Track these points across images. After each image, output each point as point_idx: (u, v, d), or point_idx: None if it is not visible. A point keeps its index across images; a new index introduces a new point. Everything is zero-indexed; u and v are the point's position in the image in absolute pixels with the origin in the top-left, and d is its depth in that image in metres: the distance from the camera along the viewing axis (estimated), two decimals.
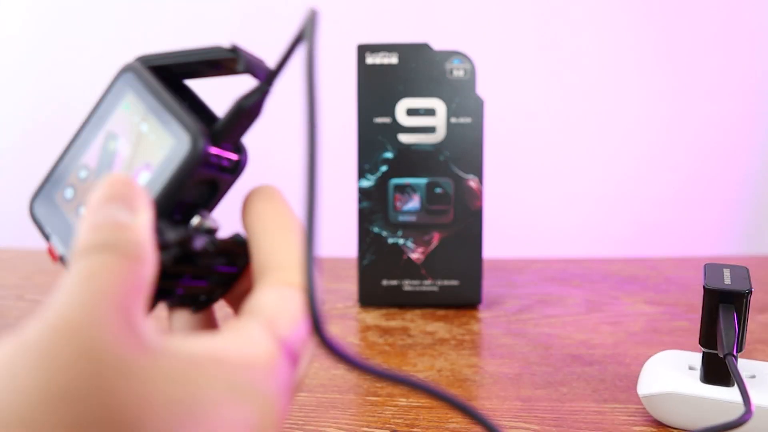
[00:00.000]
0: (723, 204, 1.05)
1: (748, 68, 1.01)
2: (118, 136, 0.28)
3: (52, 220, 0.28)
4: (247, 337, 0.23)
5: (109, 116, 0.28)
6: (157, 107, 0.27)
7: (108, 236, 0.21)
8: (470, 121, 0.62)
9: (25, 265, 0.78)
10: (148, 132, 0.27)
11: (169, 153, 0.26)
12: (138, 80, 0.27)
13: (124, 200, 0.23)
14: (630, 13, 1.00)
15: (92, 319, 0.19)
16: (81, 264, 0.21)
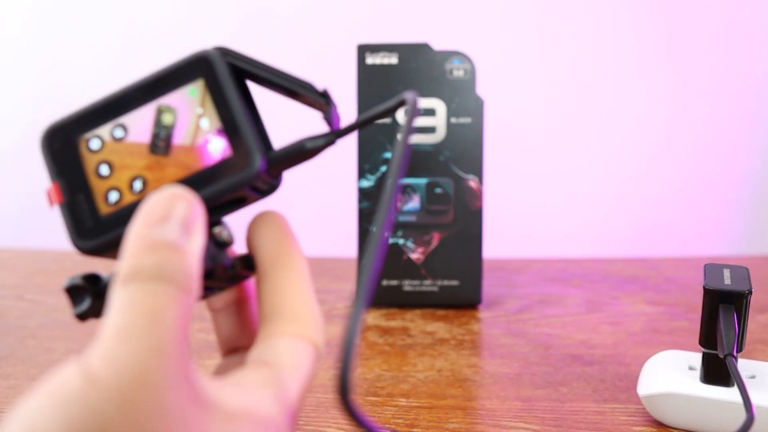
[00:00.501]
0: (723, 204, 1.05)
1: (748, 68, 1.01)
2: (176, 114, 0.27)
3: (64, 162, 0.27)
4: (275, 396, 0.23)
5: (169, 91, 0.27)
6: (226, 111, 0.26)
7: (165, 262, 0.21)
8: (470, 121, 0.62)
9: (25, 265, 0.78)
10: (206, 129, 0.26)
11: (224, 163, 0.26)
12: (216, 73, 0.26)
13: (185, 221, 0.23)
14: (630, 13, 1.00)
15: (160, 369, 0.20)
16: (137, 292, 0.21)
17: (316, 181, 0.98)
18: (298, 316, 0.25)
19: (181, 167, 0.26)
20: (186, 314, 0.21)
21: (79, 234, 0.26)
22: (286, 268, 0.26)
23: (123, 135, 0.27)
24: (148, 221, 0.22)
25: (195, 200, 0.23)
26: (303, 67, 1.00)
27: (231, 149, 0.26)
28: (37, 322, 0.61)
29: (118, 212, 0.26)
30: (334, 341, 0.57)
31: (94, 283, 0.26)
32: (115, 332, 0.20)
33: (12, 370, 0.51)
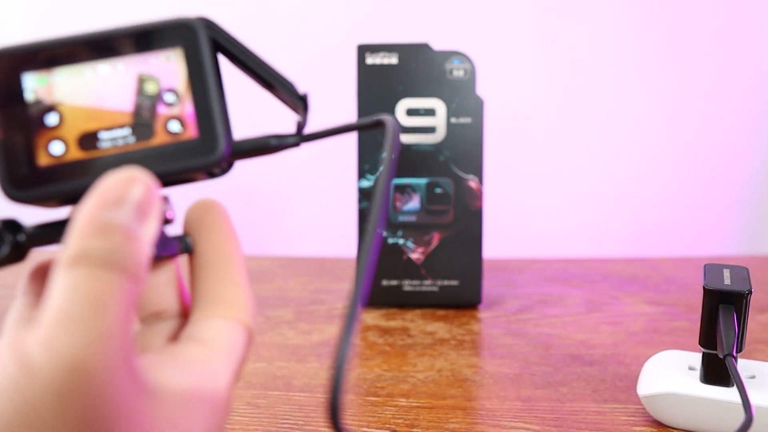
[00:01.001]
0: (723, 204, 1.05)
1: (748, 68, 1.01)
2: (158, 82, 0.25)
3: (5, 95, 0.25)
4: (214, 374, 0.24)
5: (143, 51, 0.25)
6: (200, 90, 0.25)
7: (116, 248, 0.21)
8: (470, 121, 0.62)
9: (25, 265, 0.78)
10: (172, 103, 0.25)
11: (186, 142, 0.25)
12: (198, 47, 0.25)
13: (140, 206, 0.22)
14: (630, 13, 1.00)
15: (103, 360, 0.19)
16: (83, 277, 0.20)
17: (316, 181, 0.98)
18: (233, 300, 0.26)
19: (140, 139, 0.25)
20: (132, 302, 0.21)
21: (11, 180, 0.24)
22: (223, 255, 0.26)
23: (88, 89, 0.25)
24: (102, 203, 0.21)
25: (152, 185, 0.22)
26: (303, 67, 1.00)
27: (197, 130, 0.25)
28: None
29: (59, 166, 0.24)
30: (333, 341, 0.57)
31: (13, 229, 0.25)
32: (56, 318, 0.19)
33: None
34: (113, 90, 0.25)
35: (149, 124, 0.25)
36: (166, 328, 0.27)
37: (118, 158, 0.25)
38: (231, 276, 0.26)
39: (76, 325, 0.19)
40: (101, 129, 0.25)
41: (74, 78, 0.25)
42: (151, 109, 0.25)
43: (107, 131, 0.25)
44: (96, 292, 0.20)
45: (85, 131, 0.25)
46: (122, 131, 0.25)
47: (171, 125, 0.25)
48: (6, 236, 0.24)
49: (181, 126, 0.25)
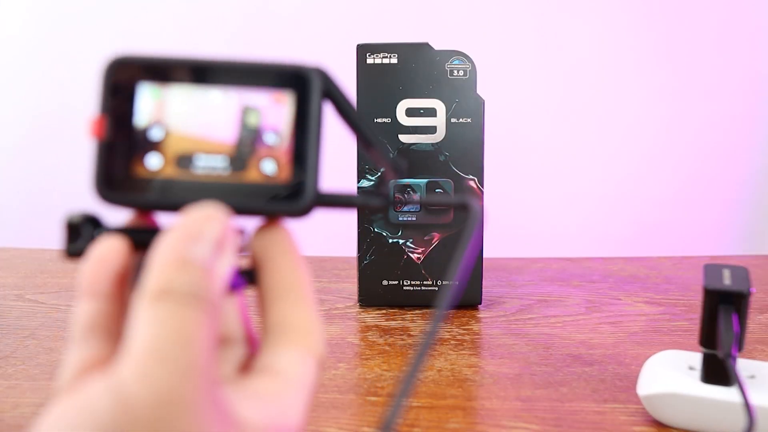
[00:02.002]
0: (723, 204, 1.05)
1: (748, 68, 1.01)
2: (261, 117, 0.25)
3: (118, 100, 0.25)
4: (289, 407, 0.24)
5: (256, 86, 0.25)
6: (303, 139, 0.25)
7: (197, 283, 0.21)
8: (470, 121, 0.62)
9: (25, 265, 0.78)
10: (272, 145, 0.25)
11: (275, 185, 0.25)
12: (310, 96, 0.25)
13: (218, 241, 0.23)
14: (630, 13, 1.00)
15: (194, 393, 0.20)
16: (170, 313, 0.21)
17: None
18: (304, 329, 0.26)
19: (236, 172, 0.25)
20: (214, 336, 0.21)
21: (104, 180, 0.25)
22: (293, 283, 0.26)
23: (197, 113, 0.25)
24: (183, 238, 0.22)
25: (227, 221, 0.23)
26: None
27: (290, 176, 0.25)
28: (37, 322, 0.61)
29: (152, 181, 0.25)
30: (333, 341, 0.57)
31: (94, 225, 0.25)
32: (147, 352, 0.20)
33: (12, 370, 0.51)
34: (219, 117, 0.25)
35: (245, 159, 0.25)
36: (234, 355, 0.27)
37: (209, 186, 0.25)
38: (301, 303, 0.26)
39: (168, 360, 0.20)
40: (200, 153, 0.25)
41: (186, 98, 0.25)
42: (250, 145, 0.25)
43: (205, 156, 0.25)
44: (183, 327, 0.20)
45: (184, 152, 0.25)
46: (219, 160, 0.25)
47: (265, 165, 0.25)
48: (86, 231, 0.25)
49: (276, 168, 0.25)
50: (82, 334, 0.24)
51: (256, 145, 0.25)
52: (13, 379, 0.50)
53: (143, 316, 0.21)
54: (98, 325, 0.24)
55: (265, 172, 0.25)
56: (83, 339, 0.24)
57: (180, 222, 0.23)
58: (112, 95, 0.25)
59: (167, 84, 0.25)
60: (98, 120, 0.25)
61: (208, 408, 0.20)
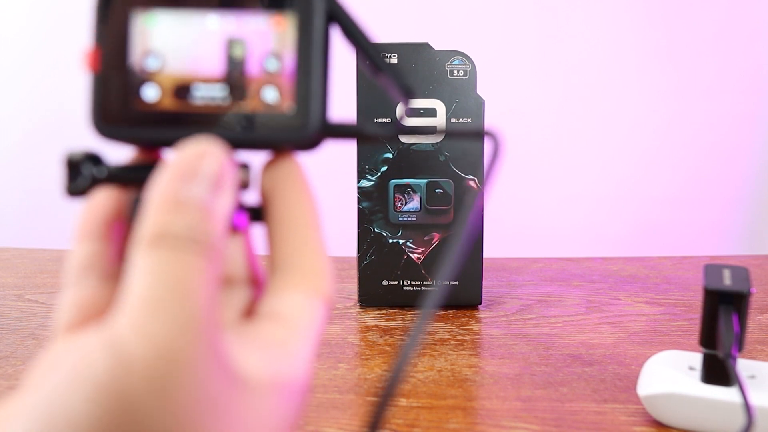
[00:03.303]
0: (723, 204, 1.05)
1: (748, 68, 1.01)
2: (245, 47, 0.24)
3: (111, 29, 0.24)
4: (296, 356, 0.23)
5: (254, 13, 0.24)
6: (305, 64, 0.24)
7: (195, 226, 0.20)
8: (470, 121, 0.62)
9: (25, 265, 0.78)
10: (272, 71, 0.24)
11: (278, 114, 0.24)
12: (312, 16, 0.24)
13: (215, 181, 0.21)
14: (630, 13, 1.00)
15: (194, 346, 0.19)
16: (167, 260, 0.20)
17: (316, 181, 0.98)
18: (312, 269, 0.24)
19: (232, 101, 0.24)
20: (215, 282, 0.20)
21: (101, 115, 0.24)
22: (302, 221, 0.24)
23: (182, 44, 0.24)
24: (176, 177, 0.21)
25: (224, 156, 0.22)
26: None
27: (293, 102, 0.24)
28: (37, 322, 0.61)
29: (150, 113, 0.24)
30: (333, 341, 0.57)
31: (94, 163, 0.24)
32: (144, 304, 0.19)
33: (12, 370, 0.51)
34: (216, 43, 0.24)
35: (244, 87, 0.24)
36: (237, 298, 0.25)
37: (209, 117, 0.24)
38: (310, 241, 0.24)
39: (166, 311, 0.19)
40: (197, 82, 0.24)
41: (181, 24, 0.24)
42: (249, 71, 0.24)
43: (203, 85, 0.24)
44: (181, 275, 0.19)
45: (181, 82, 0.24)
46: (217, 88, 0.24)
47: (267, 92, 0.24)
48: (86, 169, 0.24)
49: (278, 95, 0.24)
50: (76, 275, 0.23)
51: (256, 72, 0.24)
52: (13, 379, 0.50)
53: (139, 264, 0.20)
54: (93, 266, 0.23)
55: (266, 101, 0.24)
56: (78, 280, 0.23)
57: (173, 160, 0.21)
58: (105, 24, 0.24)
59: (162, 10, 0.24)
60: (92, 52, 0.24)
61: (209, 363, 0.19)
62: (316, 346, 0.24)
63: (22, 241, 1.13)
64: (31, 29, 1.09)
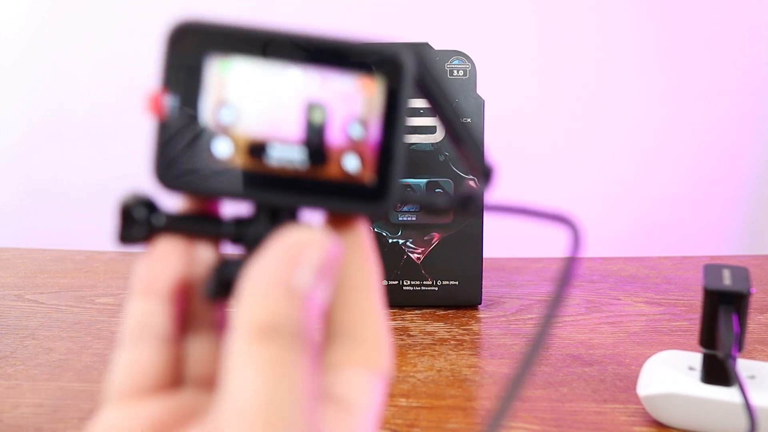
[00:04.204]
0: (723, 204, 1.05)
1: (748, 68, 1.01)
2: (328, 109, 0.22)
3: (182, 74, 0.22)
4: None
5: (341, 73, 0.22)
6: (391, 133, 0.22)
7: (300, 319, 0.19)
8: (470, 121, 0.62)
9: (25, 265, 0.78)
10: (355, 139, 0.22)
11: (355, 185, 0.22)
12: (403, 82, 0.22)
13: (321, 271, 0.20)
14: (630, 13, 1.00)
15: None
16: (278, 356, 0.19)
17: None
18: (373, 343, 0.23)
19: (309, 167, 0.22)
20: (313, 377, 0.19)
21: (166, 166, 0.22)
22: (365, 289, 0.23)
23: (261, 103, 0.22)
24: (283, 263, 0.20)
25: (330, 244, 0.21)
26: None
27: (374, 174, 0.22)
28: (37, 322, 0.61)
29: (220, 169, 0.22)
30: None
31: (150, 210, 0.22)
32: (257, 411, 0.18)
33: (12, 370, 0.51)
34: (297, 101, 0.22)
35: (325, 152, 0.22)
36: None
37: (284, 180, 0.22)
38: (371, 311, 0.23)
39: (283, 422, 0.18)
40: (274, 141, 0.22)
41: (261, 75, 0.22)
42: (331, 136, 0.22)
43: (280, 146, 0.22)
44: (294, 376, 0.19)
45: (257, 139, 0.22)
46: (296, 151, 0.22)
47: (348, 160, 0.22)
48: (142, 215, 0.22)
49: (359, 164, 0.22)
50: (133, 336, 0.22)
51: (338, 137, 0.22)
52: (13, 379, 0.50)
53: (246, 359, 0.19)
54: (151, 327, 0.22)
55: (347, 169, 0.22)
56: (134, 341, 0.22)
57: (278, 245, 0.20)
58: (175, 67, 0.22)
59: (241, 57, 0.22)
60: (159, 95, 0.22)
61: None
62: (376, 425, 0.23)
63: (22, 241, 1.13)
64: (31, 29, 1.09)
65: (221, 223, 0.23)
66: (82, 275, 0.74)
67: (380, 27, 1.00)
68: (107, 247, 0.83)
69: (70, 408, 0.46)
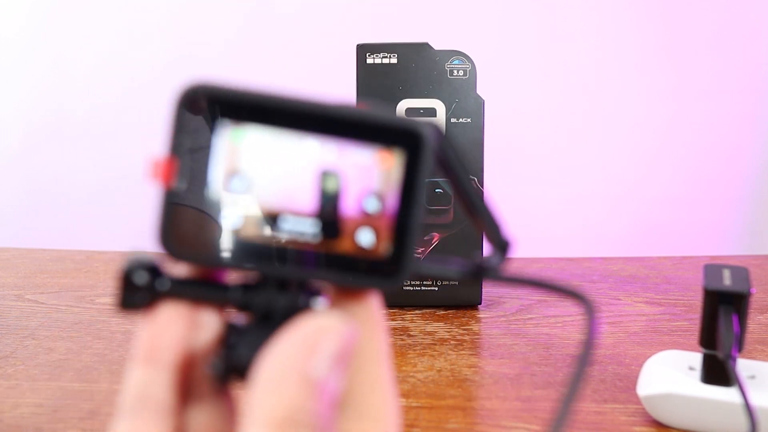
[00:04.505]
0: (723, 204, 1.05)
1: (748, 68, 1.01)
2: (343, 181, 0.21)
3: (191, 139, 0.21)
4: None
5: (358, 145, 0.21)
6: (409, 207, 0.21)
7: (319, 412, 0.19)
8: (470, 121, 0.62)
9: (25, 265, 0.78)
10: (370, 212, 0.21)
11: (369, 259, 0.21)
12: (422, 157, 0.21)
13: (337, 360, 0.20)
14: (630, 13, 1.00)
15: None
16: None
17: None
18: (381, 413, 0.22)
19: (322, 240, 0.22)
20: None
21: (172, 236, 0.21)
22: (374, 359, 0.22)
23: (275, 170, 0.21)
24: (302, 351, 0.19)
25: (348, 333, 0.20)
26: (303, 67, 1.00)
27: (389, 249, 0.21)
28: (37, 322, 0.61)
29: (228, 240, 0.21)
30: None
31: (154, 274, 0.21)
32: None
33: (12, 370, 0.51)
34: (312, 174, 0.21)
35: (339, 226, 0.21)
36: None
37: (295, 254, 0.21)
38: (380, 381, 0.22)
39: None
40: (287, 213, 0.21)
41: (274, 145, 0.21)
42: (346, 209, 0.21)
43: (292, 218, 0.21)
44: None
45: (268, 210, 0.21)
46: (308, 224, 0.21)
47: (363, 234, 0.21)
48: (144, 282, 0.21)
49: (374, 239, 0.21)
50: (133, 406, 0.21)
51: (353, 210, 0.21)
52: (13, 379, 0.50)
53: None
54: (152, 397, 0.21)
55: (360, 244, 0.21)
56: (133, 411, 0.21)
57: (295, 333, 0.20)
58: (185, 133, 0.20)
59: (254, 126, 0.21)
60: (166, 162, 0.20)
61: None
62: None
63: (22, 241, 1.13)
64: (31, 29, 1.09)
65: (227, 288, 0.22)
66: (82, 275, 0.74)
67: (380, 27, 1.00)
68: (107, 247, 0.83)
69: (70, 408, 0.46)
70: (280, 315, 0.21)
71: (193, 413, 0.22)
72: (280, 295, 0.21)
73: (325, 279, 0.21)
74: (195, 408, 0.22)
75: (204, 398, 0.22)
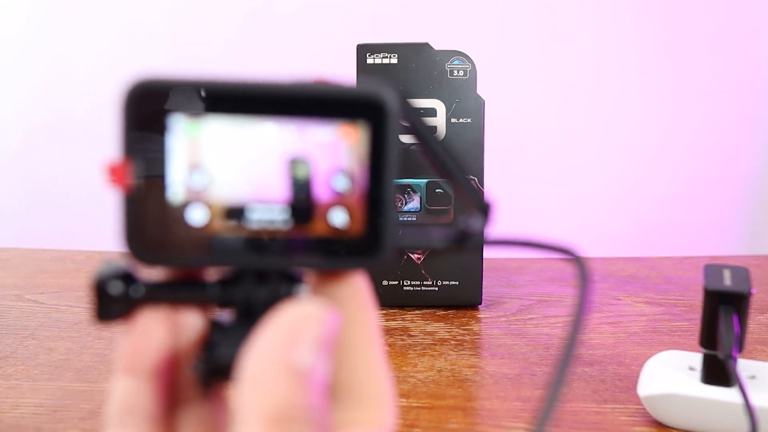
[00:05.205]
0: (723, 204, 1.05)
1: (748, 68, 1.01)
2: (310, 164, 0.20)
3: (145, 137, 0.20)
4: None
5: (319, 122, 0.20)
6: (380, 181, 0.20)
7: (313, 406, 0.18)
8: (470, 121, 0.62)
9: (25, 265, 0.78)
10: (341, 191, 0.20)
11: (345, 240, 0.21)
12: (388, 125, 0.20)
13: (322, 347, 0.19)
14: (630, 13, 1.00)
15: None
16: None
17: None
18: (375, 400, 0.21)
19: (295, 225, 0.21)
20: None
21: (138, 240, 0.20)
22: (364, 342, 0.22)
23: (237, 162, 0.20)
24: (284, 342, 0.19)
25: (329, 318, 0.19)
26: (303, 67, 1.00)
27: (364, 227, 0.21)
28: (37, 322, 0.61)
29: (196, 237, 0.20)
30: None
31: (128, 281, 0.21)
32: None
33: (12, 370, 0.51)
34: (274, 158, 0.20)
35: (309, 208, 0.20)
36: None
37: (268, 243, 0.20)
38: (372, 365, 0.22)
39: None
40: (254, 201, 0.20)
41: (232, 133, 0.20)
42: (314, 191, 0.20)
43: (261, 207, 0.20)
44: None
45: (234, 203, 0.20)
46: (277, 209, 0.20)
47: (335, 215, 0.21)
48: (118, 291, 0.21)
49: (348, 218, 0.21)
50: (119, 418, 0.21)
51: (322, 191, 0.20)
52: (13, 379, 0.50)
53: None
54: (138, 408, 0.21)
55: (334, 224, 0.21)
56: (120, 423, 0.21)
57: (274, 325, 0.19)
58: (136, 132, 0.19)
59: (207, 115, 0.20)
60: (121, 165, 0.20)
61: None
62: None
63: (22, 241, 1.13)
64: (31, 29, 1.09)
65: (205, 286, 0.21)
66: (82, 275, 0.74)
67: (380, 27, 1.00)
68: (107, 247, 0.83)
69: (70, 408, 0.46)
70: (261, 307, 0.21)
71: (183, 417, 0.22)
72: (260, 286, 0.21)
73: (303, 265, 0.21)
74: (185, 412, 0.22)
75: (193, 401, 0.22)
